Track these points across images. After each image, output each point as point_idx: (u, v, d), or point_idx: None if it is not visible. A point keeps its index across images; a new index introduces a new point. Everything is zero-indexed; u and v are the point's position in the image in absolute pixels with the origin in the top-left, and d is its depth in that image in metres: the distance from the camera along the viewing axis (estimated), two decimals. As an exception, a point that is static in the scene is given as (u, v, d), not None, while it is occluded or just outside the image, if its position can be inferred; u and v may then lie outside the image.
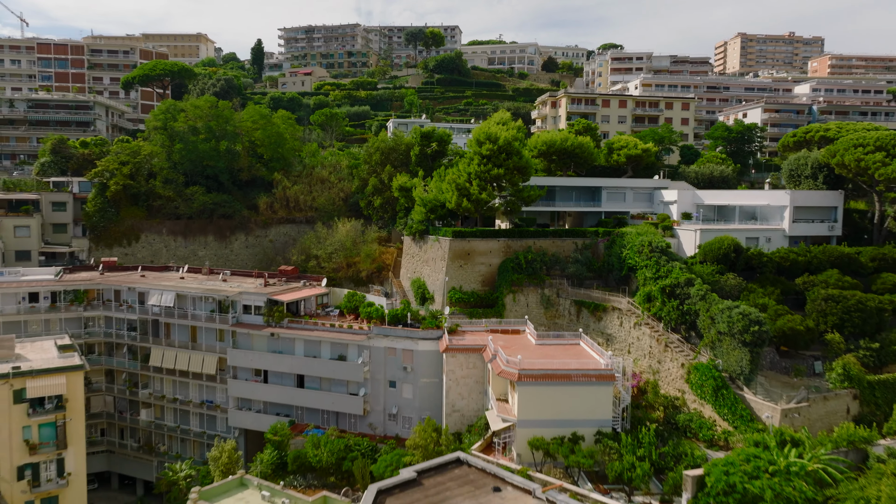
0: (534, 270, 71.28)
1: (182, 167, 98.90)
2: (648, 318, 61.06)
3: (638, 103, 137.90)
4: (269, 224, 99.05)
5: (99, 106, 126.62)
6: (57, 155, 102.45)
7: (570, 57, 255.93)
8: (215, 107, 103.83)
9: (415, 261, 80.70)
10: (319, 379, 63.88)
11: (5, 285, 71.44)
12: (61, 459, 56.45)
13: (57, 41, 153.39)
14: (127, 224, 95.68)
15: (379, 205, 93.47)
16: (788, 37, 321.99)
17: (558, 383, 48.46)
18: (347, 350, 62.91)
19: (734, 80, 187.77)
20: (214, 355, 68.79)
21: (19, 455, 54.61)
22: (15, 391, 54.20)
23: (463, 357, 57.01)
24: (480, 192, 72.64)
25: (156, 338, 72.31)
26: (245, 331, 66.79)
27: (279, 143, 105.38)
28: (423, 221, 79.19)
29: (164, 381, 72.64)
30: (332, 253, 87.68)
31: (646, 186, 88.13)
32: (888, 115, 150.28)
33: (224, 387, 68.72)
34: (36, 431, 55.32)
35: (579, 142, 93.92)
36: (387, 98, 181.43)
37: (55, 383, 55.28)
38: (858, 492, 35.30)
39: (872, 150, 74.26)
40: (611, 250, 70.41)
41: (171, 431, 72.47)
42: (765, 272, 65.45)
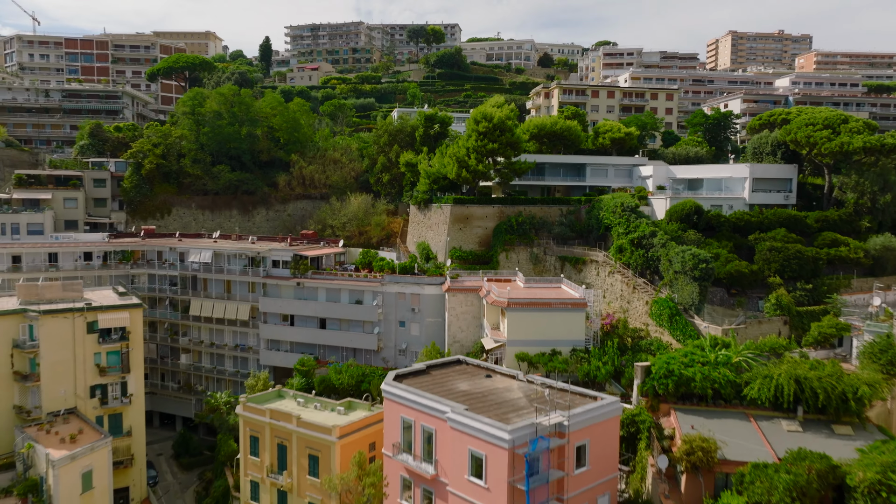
0: (524, 232, 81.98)
1: (208, 148, 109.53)
2: (620, 267, 71.77)
3: (625, 94, 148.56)
4: (287, 199, 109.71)
5: (126, 96, 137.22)
6: (94, 138, 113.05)
7: (566, 54, 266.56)
8: (237, 94, 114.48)
9: (420, 227, 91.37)
10: (339, 321, 74.56)
11: (65, 245, 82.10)
12: (125, 382, 67.10)
13: (83, 37, 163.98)
14: (160, 199, 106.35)
15: (387, 181, 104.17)
16: (778, 34, 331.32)
17: (540, 309, 59.14)
18: (363, 295, 73.59)
19: (718, 74, 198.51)
20: (247, 304, 79.47)
21: (91, 377, 65.22)
22: (88, 323, 64.86)
23: (462, 296, 67.67)
24: (478, 164, 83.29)
25: (194, 291, 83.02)
26: (274, 282, 77.46)
27: (295, 128, 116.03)
28: (427, 192, 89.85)
29: (201, 329, 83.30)
30: (346, 223, 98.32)
31: (625, 163, 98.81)
32: (859, 105, 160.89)
33: (255, 331, 79.39)
34: (104, 357, 65.98)
35: (567, 125, 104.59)
36: (390, 91, 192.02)
37: (120, 317, 65.97)
38: (765, 370, 45.91)
39: (821, 128, 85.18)
40: (590, 213, 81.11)
41: (208, 373, 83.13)
42: (722, 230, 76.18)
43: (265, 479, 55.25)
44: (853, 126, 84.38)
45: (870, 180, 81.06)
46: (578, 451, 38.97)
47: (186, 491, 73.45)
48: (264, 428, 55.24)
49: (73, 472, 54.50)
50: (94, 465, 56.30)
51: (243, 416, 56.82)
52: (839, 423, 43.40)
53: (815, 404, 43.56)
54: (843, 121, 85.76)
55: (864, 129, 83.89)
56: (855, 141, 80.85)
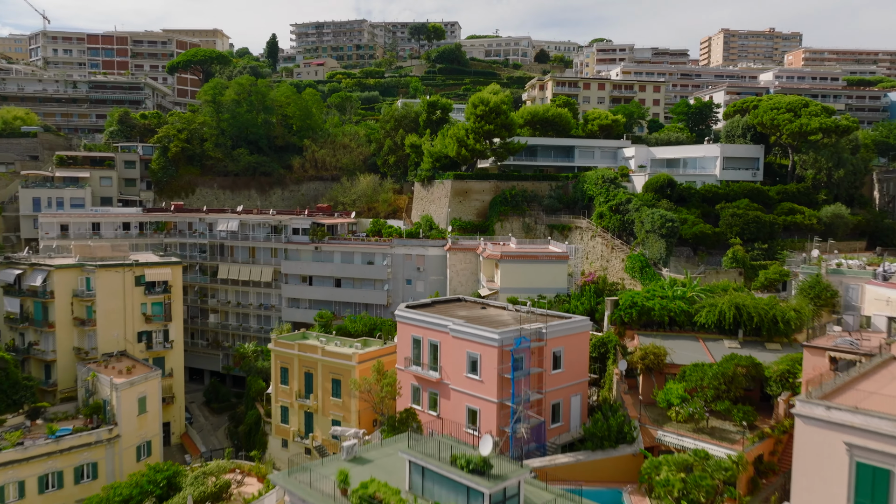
0: (517, 204, 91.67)
1: (228, 133, 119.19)
2: (600, 231, 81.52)
3: (615, 86, 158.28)
4: (301, 180, 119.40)
5: (148, 87, 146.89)
6: (123, 124, 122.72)
7: (562, 51, 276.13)
8: (254, 84, 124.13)
9: (423, 201, 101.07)
10: (352, 280, 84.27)
11: (106, 216, 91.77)
12: (166, 330, 76.83)
13: (104, 33, 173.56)
14: (185, 179, 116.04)
15: (393, 162, 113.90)
16: (769, 32, 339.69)
17: (529, 261, 68.84)
18: (374, 257, 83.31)
19: (705, 69, 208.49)
20: (270, 267, 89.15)
21: (138, 324, 74.92)
22: (136, 277, 74.55)
23: (461, 255, 77.39)
24: (475, 144, 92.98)
25: (222, 257, 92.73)
26: (294, 247, 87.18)
27: (307, 116, 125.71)
28: (430, 169, 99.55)
29: (228, 291, 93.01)
30: (356, 200, 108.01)
31: (610, 146, 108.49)
32: (836, 97, 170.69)
33: (277, 291, 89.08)
34: (149, 307, 75.68)
35: (558, 112, 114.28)
36: (393, 85, 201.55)
37: (164, 272, 75.71)
38: (712, 300, 55.58)
39: (784, 112, 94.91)
40: (576, 187, 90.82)
41: (234, 330, 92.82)
42: (693, 200, 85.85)
43: (294, 403, 64.87)
44: (812, 110, 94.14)
45: (825, 157, 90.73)
46: (555, 356, 48.62)
47: (218, 430, 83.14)
48: (293, 359, 64.86)
49: (132, 396, 64.22)
50: (148, 393, 66.04)
51: (275, 351, 66.46)
52: (771, 342, 53.12)
53: (751, 327, 53.28)
54: (803, 105, 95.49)
55: (821, 113, 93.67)
56: (812, 122, 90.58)
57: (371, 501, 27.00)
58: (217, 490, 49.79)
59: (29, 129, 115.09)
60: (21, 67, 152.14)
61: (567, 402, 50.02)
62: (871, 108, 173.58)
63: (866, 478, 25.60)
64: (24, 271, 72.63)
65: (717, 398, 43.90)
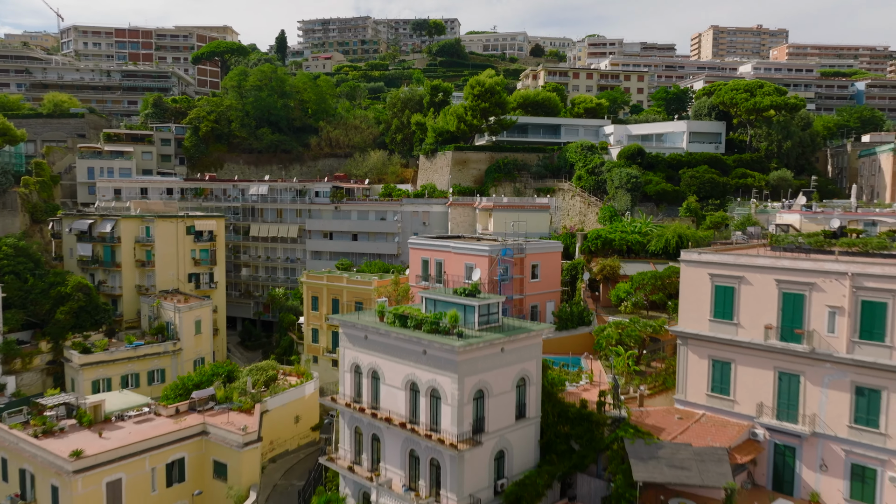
0: (509, 171, 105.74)
1: (252, 115, 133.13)
2: (579, 191, 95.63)
3: (602, 75, 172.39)
4: (317, 157, 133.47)
5: (174, 76, 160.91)
6: (157, 107, 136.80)
7: (556, 46, 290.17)
8: (274, 72, 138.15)
9: (427, 172, 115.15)
10: (367, 234, 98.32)
11: (153, 182, 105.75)
12: (211, 273, 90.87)
13: (130, 27, 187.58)
14: (214, 156, 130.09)
15: (400, 139, 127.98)
16: (756, 29, 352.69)
17: (516, 210, 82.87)
18: (386, 214, 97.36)
19: (689, 61, 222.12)
20: (295, 225, 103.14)
21: (189, 267, 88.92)
22: (187, 227, 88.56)
23: (461, 209, 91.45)
24: (473, 119, 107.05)
25: (253, 218, 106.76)
26: (317, 207, 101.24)
27: (322, 100, 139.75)
28: (433, 143, 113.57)
29: (258, 248, 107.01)
30: (367, 172, 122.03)
31: (593, 124, 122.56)
32: (807, 86, 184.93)
33: (302, 247, 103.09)
34: (198, 253, 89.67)
35: (548, 95, 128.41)
36: (397, 77, 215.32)
37: (210, 224, 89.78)
38: (660, 231, 69.62)
39: (742, 92, 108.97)
40: (560, 156, 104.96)
41: (264, 282, 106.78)
42: (659, 166, 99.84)
43: (323, 325, 78.89)
44: (766, 90, 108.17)
45: (776, 131, 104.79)
46: (533, 268, 62.63)
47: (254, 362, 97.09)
48: (322, 289, 78.89)
49: (190, 318, 78.41)
50: (202, 317, 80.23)
51: (306, 283, 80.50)
52: (706, 263, 67.08)
53: (691, 251, 67.18)
54: (759, 86, 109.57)
55: (773, 92, 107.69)
56: (765, 100, 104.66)
57: (401, 317, 41.09)
58: (267, 379, 64.21)
59: (77, 110, 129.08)
60: (59, 58, 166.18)
61: (543, 305, 64.07)
62: (839, 97, 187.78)
63: (720, 293, 39.69)
64: (95, 221, 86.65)
65: (654, 292, 58.04)
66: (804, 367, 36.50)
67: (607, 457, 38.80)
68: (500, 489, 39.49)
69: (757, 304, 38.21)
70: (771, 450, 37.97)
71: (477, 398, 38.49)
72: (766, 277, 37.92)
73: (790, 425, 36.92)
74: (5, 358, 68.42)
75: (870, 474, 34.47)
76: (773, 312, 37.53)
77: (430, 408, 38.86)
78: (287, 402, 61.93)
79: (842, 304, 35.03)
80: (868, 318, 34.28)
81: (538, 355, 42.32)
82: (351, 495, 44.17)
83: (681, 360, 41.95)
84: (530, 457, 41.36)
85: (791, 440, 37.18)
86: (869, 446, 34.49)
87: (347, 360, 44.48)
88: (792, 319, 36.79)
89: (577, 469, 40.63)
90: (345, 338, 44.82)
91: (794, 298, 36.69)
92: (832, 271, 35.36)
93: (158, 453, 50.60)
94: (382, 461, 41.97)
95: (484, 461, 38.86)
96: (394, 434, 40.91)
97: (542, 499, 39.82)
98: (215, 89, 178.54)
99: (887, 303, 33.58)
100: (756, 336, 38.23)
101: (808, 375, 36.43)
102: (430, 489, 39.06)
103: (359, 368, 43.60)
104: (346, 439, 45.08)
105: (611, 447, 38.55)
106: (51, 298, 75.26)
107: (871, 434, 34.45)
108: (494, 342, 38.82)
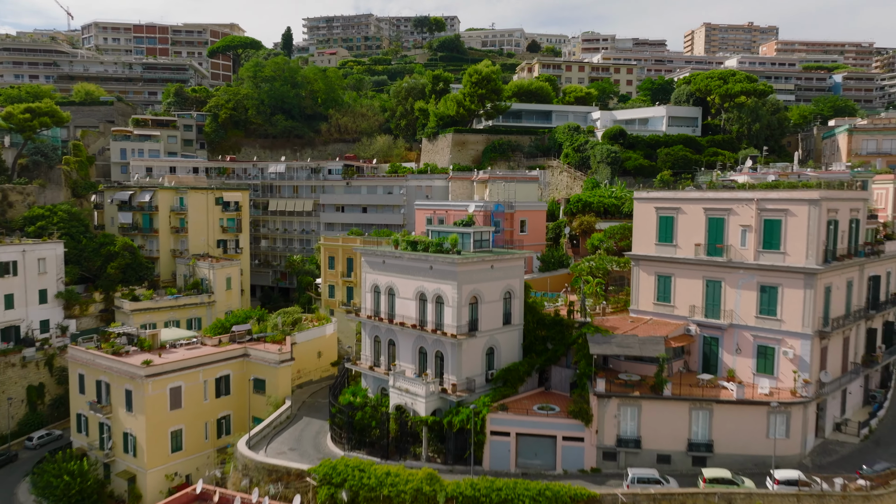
0: (503, 152, 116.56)
1: (267, 103, 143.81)
2: (566, 167, 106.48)
3: (593, 68, 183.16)
4: (327, 142, 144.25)
5: (191, 69, 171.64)
6: (178, 96, 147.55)
7: (553, 42, 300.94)
8: (287, 64, 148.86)
9: (429, 153, 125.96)
10: (376, 206, 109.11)
11: (180, 162, 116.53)
12: (237, 239, 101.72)
13: (147, 23, 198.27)
14: (232, 141, 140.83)
15: (404, 125, 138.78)
16: (747, 26, 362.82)
17: (509, 182, 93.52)
18: (393, 189, 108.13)
19: (677, 56, 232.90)
20: (310, 200, 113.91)
21: (217, 234, 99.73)
22: (216, 198, 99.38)
23: (460, 182, 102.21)
24: (471, 104, 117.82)
25: (271, 194, 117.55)
26: (330, 183, 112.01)
27: (331, 90, 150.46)
28: (434, 127, 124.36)
29: (276, 221, 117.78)
30: (374, 155, 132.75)
31: (581, 111, 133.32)
32: (787, 78, 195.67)
33: (316, 219, 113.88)
34: (225, 222, 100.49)
35: (540, 84, 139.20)
36: (399, 71, 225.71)
37: (236, 195, 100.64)
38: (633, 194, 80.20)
39: (716, 80, 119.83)
40: (550, 138, 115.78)
41: (281, 252, 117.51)
42: (639, 146, 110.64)
43: (339, 281, 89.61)
44: (738, 77, 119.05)
45: (746, 115, 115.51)
46: (522, 222, 73.52)
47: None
48: (338, 250, 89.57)
49: (222, 275, 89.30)
50: (231, 275, 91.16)
51: (324, 245, 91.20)
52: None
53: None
54: (731, 74, 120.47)
55: (744, 80, 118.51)
56: (736, 87, 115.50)
57: (412, 243, 51.92)
58: (293, 320, 75.04)
59: (106, 98, 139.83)
60: (84, 52, 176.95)
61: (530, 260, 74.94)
62: (818, 88, 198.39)
63: (663, 222, 50.53)
64: (135, 192, 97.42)
65: (622, 240, 68.83)
66: (724, 275, 47.33)
67: (574, 349, 49.56)
68: (490, 377, 50.31)
69: (690, 229, 49.05)
70: (701, 341, 48.82)
71: (472, 303, 49.30)
72: (696, 207, 48.77)
73: (714, 321, 47.75)
74: (67, 304, 79.23)
75: (770, 352, 45.28)
76: (702, 234, 48.37)
77: (435, 311, 49.68)
78: (311, 339, 72.51)
79: (750, 223, 45.83)
80: (769, 233, 45.08)
81: (521, 275, 53.16)
82: (371, 391, 55.01)
83: (634, 278, 52.81)
84: (515, 354, 52.18)
85: (715, 332, 48.02)
86: (769, 330, 45.30)
87: (368, 283, 55.37)
88: (715, 238, 47.62)
89: (551, 362, 51.48)
90: (366, 265, 55.71)
91: (717, 222, 47.52)
92: (743, 198, 46.23)
93: (209, 368, 61.60)
94: (397, 359, 52.83)
95: (478, 353, 49.70)
96: (406, 335, 51.78)
97: (523, 384, 50.69)
98: (227, 81, 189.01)
99: (781, 219, 44.37)
100: (689, 253, 49.07)
101: (727, 281, 47.25)
102: (434, 376, 49.89)
103: (377, 288, 54.47)
104: (367, 347, 56.00)
105: (576, 342, 49.29)
106: (101, 256, 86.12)
107: (771, 321, 45.27)
108: (486, 259, 49.69)
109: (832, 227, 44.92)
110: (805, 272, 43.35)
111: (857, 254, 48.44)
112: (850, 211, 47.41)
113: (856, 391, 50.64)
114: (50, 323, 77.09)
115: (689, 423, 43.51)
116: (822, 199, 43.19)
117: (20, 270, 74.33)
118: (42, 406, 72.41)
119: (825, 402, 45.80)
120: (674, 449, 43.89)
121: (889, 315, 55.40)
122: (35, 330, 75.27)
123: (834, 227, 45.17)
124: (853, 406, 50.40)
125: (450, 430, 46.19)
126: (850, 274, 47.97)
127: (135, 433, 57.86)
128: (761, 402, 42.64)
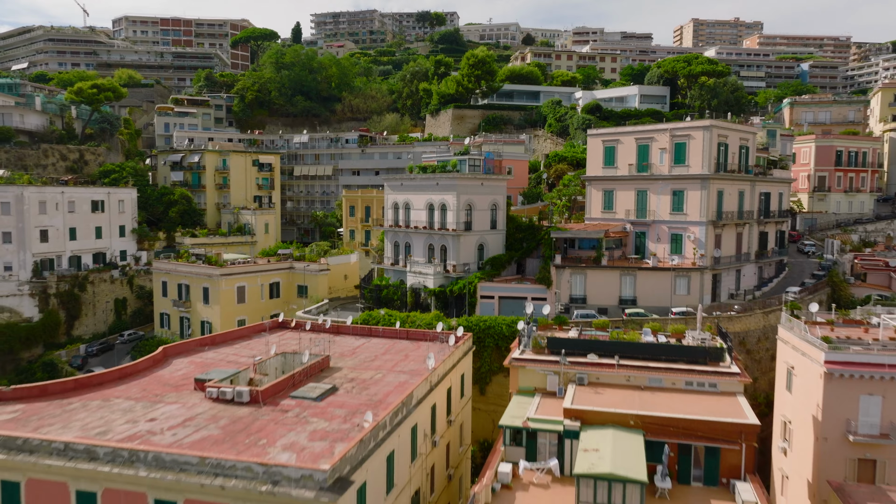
0: (497, 124, 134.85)
1: (288, 86, 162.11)
2: (549, 135, 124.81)
3: (581, 57, 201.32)
4: (341, 120, 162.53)
5: (216, 58, 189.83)
6: (208, 80, 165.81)
7: (547, 36, 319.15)
8: (304, 52, 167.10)
9: (432, 128, 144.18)
10: (387, 169, 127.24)
11: (217, 133, 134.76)
12: (270, 196, 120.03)
13: (173, 17, 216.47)
14: (257, 119, 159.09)
15: (410, 105, 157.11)
16: (734, 21, 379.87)
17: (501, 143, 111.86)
18: (402, 154, 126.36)
19: (659, 47, 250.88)
20: (330, 166, 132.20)
21: (254, 191, 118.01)
22: (252, 160, 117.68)
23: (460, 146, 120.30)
24: (469, 84, 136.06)
25: (296, 162, 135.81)
26: (347, 151, 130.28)
27: (344, 75, 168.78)
28: (437, 104, 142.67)
29: (300, 185, 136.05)
30: (383, 130, 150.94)
31: (566, 91, 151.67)
32: (758, 66, 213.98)
33: (335, 183, 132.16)
34: (260, 180, 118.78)
35: (530, 69, 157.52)
36: (403, 61, 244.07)
37: (270, 158, 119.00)
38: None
39: (681, 62, 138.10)
40: (537, 112, 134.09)
41: (304, 211, 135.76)
42: (612, 118, 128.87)
43: (358, 226, 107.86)
44: (700, 60, 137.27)
45: (706, 92, 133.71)
46: (509, 170, 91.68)
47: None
48: (357, 200, 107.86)
49: (262, 220, 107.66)
50: (269, 221, 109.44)
51: (346, 196, 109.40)
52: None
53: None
54: (695, 58, 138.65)
55: (705, 62, 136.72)
56: (697, 68, 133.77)
57: (423, 168, 70.20)
58: (323, 251, 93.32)
59: (147, 81, 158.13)
60: (120, 42, 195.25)
61: (515, 196, 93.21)
62: (787, 76, 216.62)
63: (607, 151, 68.88)
64: (185, 155, 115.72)
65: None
66: (648, 185, 65.60)
67: (542, 244, 67.80)
68: (481, 266, 68.58)
69: (625, 155, 67.30)
70: (633, 236, 67.11)
71: (467, 210, 67.55)
72: (630, 138, 67.06)
73: (642, 220, 66.01)
74: (139, 239, 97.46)
75: (679, 238, 63.55)
76: (633, 157, 66.63)
77: (440, 217, 67.93)
78: (339, 263, 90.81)
79: (666, 147, 64.10)
80: (678, 153, 63.35)
81: (504, 194, 71.47)
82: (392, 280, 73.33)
83: (587, 195, 71.13)
84: (500, 250, 70.47)
85: (643, 227, 66.30)
86: (679, 223, 63.57)
87: (390, 201, 73.75)
88: (642, 159, 65.86)
89: (526, 255, 69.77)
90: (388, 188, 74.11)
91: (644, 147, 65.79)
92: (661, 129, 64.54)
93: (264, 275, 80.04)
94: (411, 255, 71.15)
95: (471, 246, 67.99)
96: (419, 236, 70.11)
97: (505, 269, 68.97)
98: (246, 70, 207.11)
99: (686, 142, 62.69)
100: (625, 172, 67.36)
101: (651, 189, 65.51)
102: (439, 262, 68.15)
103: (396, 205, 72.82)
104: (388, 249, 74.38)
105: (544, 238, 67.51)
106: (163, 203, 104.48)
107: (680, 216, 63.54)
108: (477, 177, 68.05)
109: (723, 148, 63.23)
110: (701, 178, 61.66)
111: (747, 171, 66.72)
112: (740, 139, 65.72)
113: (749, 275, 68.95)
114: (127, 253, 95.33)
115: (620, 285, 61.84)
116: (711, 125, 61.53)
117: (106, 208, 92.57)
118: (125, 315, 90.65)
119: (720, 276, 64.11)
120: (609, 304, 62.19)
121: (782, 226, 73.73)
122: (116, 257, 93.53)
123: (725, 149, 63.48)
124: (747, 285, 68.70)
125: (451, 296, 64.54)
126: (742, 186, 66.27)
127: (211, 320, 76.25)
128: (669, 269, 60.98)
